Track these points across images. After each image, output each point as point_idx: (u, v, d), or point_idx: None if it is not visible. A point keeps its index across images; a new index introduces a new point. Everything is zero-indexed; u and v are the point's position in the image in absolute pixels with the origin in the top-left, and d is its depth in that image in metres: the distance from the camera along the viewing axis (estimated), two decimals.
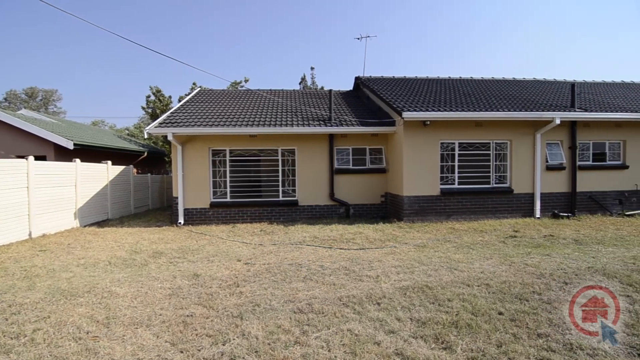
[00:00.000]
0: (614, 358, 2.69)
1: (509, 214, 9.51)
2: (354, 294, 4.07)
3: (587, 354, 2.75)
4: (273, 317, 3.50)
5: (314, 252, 6.26)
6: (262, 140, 10.04)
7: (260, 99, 12.42)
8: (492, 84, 12.90)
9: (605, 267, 4.88)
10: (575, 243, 6.55)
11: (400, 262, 5.45)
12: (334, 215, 10.24)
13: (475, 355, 2.74)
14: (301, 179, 10.19)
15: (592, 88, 12.99)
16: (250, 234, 8.22)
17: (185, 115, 10.16)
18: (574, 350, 2.81)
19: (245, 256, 6.05)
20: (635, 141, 10.08)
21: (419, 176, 9.16)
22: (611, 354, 2.75)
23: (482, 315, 3.45)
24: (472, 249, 6.27)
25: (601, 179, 9.93)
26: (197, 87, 19.67)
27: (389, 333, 3.13)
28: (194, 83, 22.31)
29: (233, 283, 4.57)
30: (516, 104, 9.92)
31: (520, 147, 9.57)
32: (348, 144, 10.37)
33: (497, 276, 4.63)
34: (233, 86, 23.92)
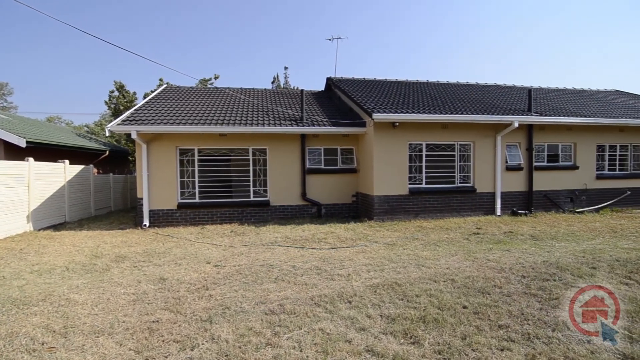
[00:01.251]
0: (567, 345, 2.90)
1: (472, 212, 9.97)
2: (326, 293, 4.10)
3: (543, 342, 2.95)
4: (244, 319, 3.45)
5: (286, 252, 6.23)
6: (232, 140, 9.85)
7: (230, 98, 12.18)
8: (456, 88, 13.46)
9: (558, 261, 5.25)
10: (532, 239, 6.98)
11: (370, 260, 5.55)
12: (306, 215, 10.24)
13: (441, 349, 2.85)
14: (273, 179, 10.10)
15: (547, 94, 13.92)
16: (220, 235, 8.04)
17: (151, 113, 9.75)
18: (531, 339, 3.00)
19: (215, 258, 5.91)
20: (584, 144, 10.92)
21: (389, 176, 9.38)
22: (564, 340, 2.97)
23: (448, 309, 3.60)
24: (439, 246, 6.52)
25: (555, 178, 10.66)
26: (164, 83, 18.95)
27: (360, 330, 3.19)
28: (161, 79, 21.48)
29: (202, 286, 4.45)
30: (479, 107, 10.42)
31: (482, 149, 10.07)
32: (320, 144, 10.42)
33: (462, 271, 4.84)
34: (202, 83, 23.27)
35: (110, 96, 21.16)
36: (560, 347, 2.87)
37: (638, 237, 6.96)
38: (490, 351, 2.81)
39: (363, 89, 11.91)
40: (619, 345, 2.88)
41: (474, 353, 2.78)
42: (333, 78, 13.43)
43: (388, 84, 13.35)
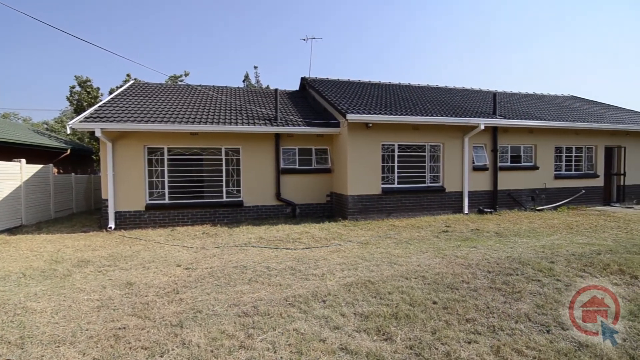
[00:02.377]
0: (528, 335, 3.07)
1: (442, 210, 10.32)
2: (300, 293, 4.10)
3: (507, 333, 3.11)
4: (216, 322, 3.38)
5: (260, 253, 6.17)
6: (204, 139, 9.61)
7: (202, 96, 11.87)
8: (427, 91, 13.89)
9: (520, 256, 5.55)
10: (496, 236, 7.33)
11: (345, 259, 5.61)
12: (280, 215, 10.18)
13: (413, 344, 2.94)
14: (246, 179, 9.96)
15: (510, 98, 14.67)
16: (192, 237, 7.82)
17: (117, 110, 9.32)
18: (496, 331, 3.16)
19: (185, 261, 5.75)
20: (544, 146, 11.60)
21: (363, 176, 9.52)
22: (525, 331, 3.14)
23: (419, 305, 3.71)
24: (410, 244, 6.69)
25: (517, 178, 11.25)
26: (131, 79, 18.18)
27: (334, 329, 3.21)
28: (128, 75, 20.57)
29: (172, 290, 4.31)
30: (448, 110, 10.81)
31: (451, 150, 10.45)
32: (294, 144, 10.39)
33: (432, 268, 5.00)
34: (172, 80, 22.53)
35: (72, 92, 20.00)
36: (522, 337, 3.03)
37: (592, 233, 7.49)
38: (459, 344, 2.93)
39: (337, 89, 12.00)
40: (573, 333, 3.09)
41: (443, 347, 2.89)
42: (307, 78, 13.44)
43: (361, 85, 13.54)
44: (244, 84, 30.23)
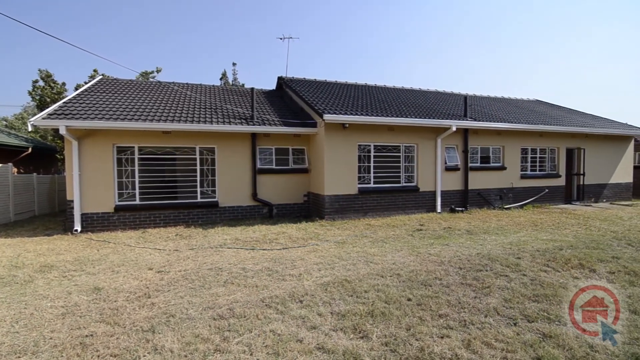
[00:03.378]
0: (497, 329, 3.21)
1: (416, 209, 10.58)
2: (277, 294, 4.07)
3: (477, 327, 3.24)
4: (190, 326, 3.30)
5: (236, 254, 6.08)
6: (177, 138, 9.34)
7: (175, 93, 11.53)
8: (402, 93, 14.19)
9: (489, 253, 5.79)
10: (467, 233, 7.60)
11: (321, 259, 5.64)
12: (257, 215, 10.07)
13: (388, 340, 2.99)
14: (222, 179, 9.77)
15: (479, 101, 15.26)
16: (164, 239, 7.59)
17: (84, 106, 8.88)
18: (467, 325, 3.28)
19: (158, 264, 5.56)
20: (511, 147, 12.15)
21: (339, 176, 9.59)
22: (494, 325, 3.28)
23: (394, 302, 3.79)
24: (386, 242, 6.82)
25: (487, 178, 11.73)
26: (98, 75, 17.38)
27: (311, 329, 3.22)
28: (95, 70, 19.65)
29: (143, 294, 4.17)
30: (422, 112, 11.09)
31: (425, 150, 10.73)
32: (271, 144, 10.31)
33: (407, 266, 5.12)
34: (143, 77, 21.74)
35: (35, 86, 18.85)
36: (491, 331, 3.17)
37: (554, 230, 7.93)
38: (432, 339, 3.02)
39: (314, 89, 12.02)
40: (538, 325, 3.26)
41: (417, 342, 2.96)
42: (284, 77, 13.37)
43: (338, 85, 13.64)
44: (221, 81, 29.68)
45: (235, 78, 30.65)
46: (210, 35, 66.76)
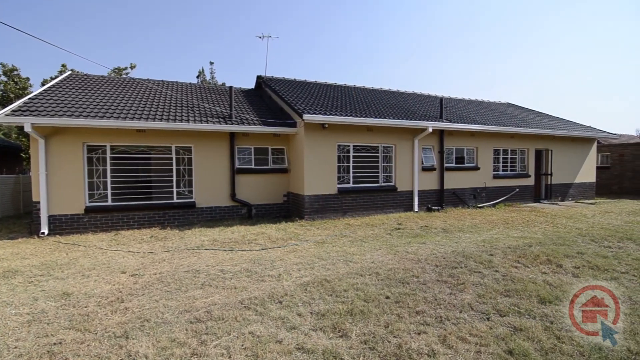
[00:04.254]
0: (471, 324, 3.32)
1: (394, 209, 10.77)
2: (256, 295, 4.04)
3: (452, 323, 3.34)
4: (166, 331, 3.21)
5: (214, 256, 5.97)
6: (152, 136, 9.06)
7: (150, 91, 11.18)
8: (380, 94, 14.40)
9: (464, 250, 5.98)
10: (443, 232, 7.82)
11: (301, 259, 5.63)
12: (235, 216, 9.93)
13: (367, 338, 3.03)
14: (199, 179, 9.57)
15: (454, 103, 15.72)
16: (139, 241, 7.34)
17: (51, 103, 8.45)
18: (443, 321, 3.37)
19: (131, 267, 5.38)
20: (484, 148, 12.58)
21: (319, 176, 9.62)
22: (469, 320, 3.39)
23: (373, 301, 3.84)
24: (365, 241, 6.90)
25: (461, 178, 12.09)
26: (67, 70, 16.59)
27: (291, 329, 3.22)
28: (64, 65, 18.75)
29: (116, 299, 4.02)
30: (399, 113, 11.30)
31: (402, 151, 10.94)
32: (250, 144, 10.19)
33: (385, 264, 5.20)
34: (116, 73, 20.96)
35: None
36: (466, 325, 3.27)
37: (524, 228, 8.28)
38: (410, 336, 3.08)
39: (294, 89, 11.99)
40: (509, 319, 3.40)
41: (395, 339, 3.02)
42: (264, 77, 13.26)
43: (318, 86, 13.66)
44: (198, 80, 29.05)
45: (212, 77, 30.09)
46: (186, 32, 65.14)
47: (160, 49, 62.30)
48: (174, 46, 64.10)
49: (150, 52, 59.83)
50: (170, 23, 63.56)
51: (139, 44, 59.76)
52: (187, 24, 65.17)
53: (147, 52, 59.20)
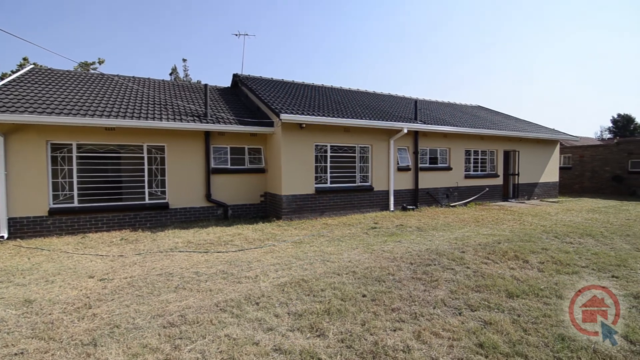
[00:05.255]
0: (444, 319, 3.42)
1: (370, 208, 10.93)
2: (232, 297, 3.98)
3: (426, 319, 3.43)
4: (137, 336, 3.10)
5: (188, 258, 5.82)
6: (122, 135, 8.70)
7: (120, 87, 10.73)
8: (357, 95, 14.56)
9: (437, 248, 6.15)
10: (418, 230, 8.01)
11: (278, 259, 5.60)
12: (211, 217, 9.72)
13: (344, 337, 3.06)
14: (172, 180, 9.29)
15: (428, 105, 16.16)
16: (108, 244, 7.04)
17: (11, 98, 7.93)
18: (417, 317, 3.46)
19: (100, 271, 5.15)
20: (456, 149, 13.00)
21: (297, 176, 9.60)
22: (442, 315, 3.50)
23: (350, 299, 3.88)
24: (342, 241, 6.96)
25: (435, 178, 12.44)
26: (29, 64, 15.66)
27: (268, 331, 3.19)
28: (25, 58, 17.66)
29: (83, 305, 3.83)
30: (376, 114, 11.47)
31: (378, 151, 11.12)
32: (226, 143, 10.01)
33: (362, 263, 5.27)
34: (83, 68, 19.98)
35: None
36: (439, 321, 3.37)
37: (494, 225, 8.64)
38: (385, 333, 3.14)
39: (271, 88, 11.90)
40: (480, 313, 3.53)
41: (371, 337, 3.07)
42: (240, 75, 13.06)
43: (295, 85, 13.63)
44: (171, 77, 28.21)
45: (186, 74, 29.35)
46: (159, 28, 63.06)
47: (130, 45, 59.95)
48: (145, 42, 61.87)
49: (120, 47, 57.44)
50: (142, 18, 61.32)
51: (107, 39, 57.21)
52: (159, 19, 63.10)
53: (117, 48, 56.80)
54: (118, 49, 56.63)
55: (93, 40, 54.85)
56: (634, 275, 4.69)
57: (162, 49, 60.51)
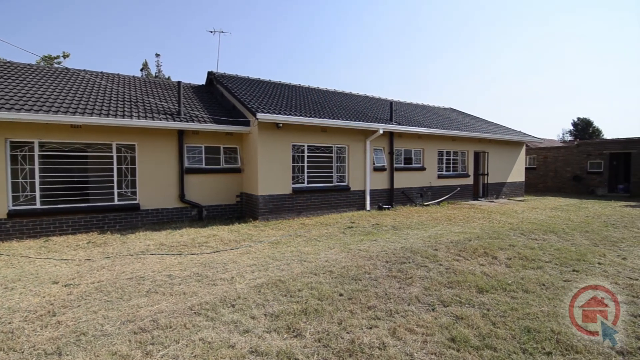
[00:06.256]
0: (418, 315, 3.51)
1: (347, 208, 11.03)
2: (207, 300, 3.89)
3: (401, 315, 3.50)
4: (106, 344, 2.97)
5: (160, 261, 5.64)
6: (89, 133, 8.30)
7: (87, 82, 10.23)
8: (334, 95, 14.65)
9: (412, 246, 6.30)
10: (393, 229, 8.17)
11: (255, 260, 5.54)
12: (184, 218, 9.47)
13: (321, 337, 3.07)
14: (143, 180, 8.96)
15: (403, 107, 16.52)
16: (73, 248, 6.69)
17: None
18: (393, 314, 3.53)
19: (65, 276, 4.89)
20: (430, 149, 13.37)
21: (273, 176, 9.52)
22: (416, 312, 3.59)
23: (327, 299, 3.90)
24: (319, 241, 6.98)
25: (409, 178, 12.74)
26: None
27: (244, 333, 3.15)
28: None
29: (47, 312, 3.63)
30: (352, 114, 11.59)
31: (355, 152, 11.24)
32: (200, 142, 9.78)
33: (339, 263, 5.31)
34: (46, 62, 18.88)
35: None
36: (414, 317, 3.46)
37: (465, 223, 8.95)
38: (362, 331, 3.18)
39: (247, 87, 11.74)
40: (452, 309, 3.65)
41: (348, 335, 3.10)
42: (215, 73, 12.79)
43: (272, 85, 13.52)
44: (142, 73, 27.21)
45: (159, 70, 28.42)
46: (130, 21, 60.61)
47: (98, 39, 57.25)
48: (115, 36, 59.30)
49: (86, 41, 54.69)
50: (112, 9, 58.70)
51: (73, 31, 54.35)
52: (131, 11, 60.69)
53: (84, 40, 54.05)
54: (85, 43, 53.90)
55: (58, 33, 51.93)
56: (593, 269, 5.01)
57: (134, 43, 58.20)
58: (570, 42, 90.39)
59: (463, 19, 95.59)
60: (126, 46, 58.15)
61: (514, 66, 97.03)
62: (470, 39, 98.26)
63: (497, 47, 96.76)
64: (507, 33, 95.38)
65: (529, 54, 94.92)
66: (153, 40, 60.48)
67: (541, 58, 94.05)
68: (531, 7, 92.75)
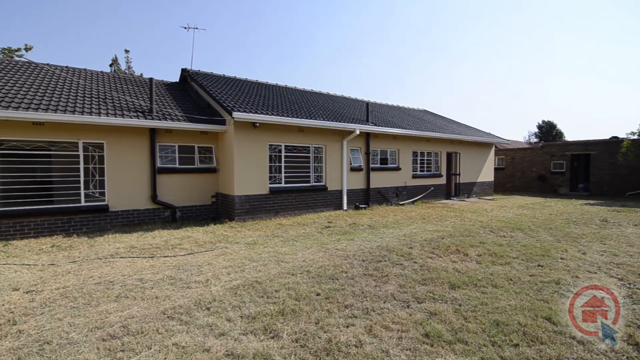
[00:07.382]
0: (394, 312, 3.58)
1: (324, 207, 11.07)
2: (181, 304, 3.79)
3: (377, 313, 3.56)
4: (72, 352, 2.83)
5: (131, 264, 5.43)
6: (54, 130, 7.86)
7: (51, 77, 9.68)
8: (311, 95, 14.66)
9: (388, 245, 6.42)
10: (369, 228, 8.29)
11: (231, 262, 5.45)
12: (157, 219, 9.16)
13: (298, 337, 3.07)
14: (113, 180, 8.59)
15: (379, 108, 16.80)
16: (36, 252, 6.32)
17: None
18: (369, 312, 3.58)
19: (26, 282, 4.61)
20: (405, 150, 13.68)
21: (250, 176, 9.41)
22: (392, 309, 3.65)
23: (304, 299, 3.90)
24: (296, 241, 6.96)
25: (385, 177, 12.97)
26: None
27: (220, 336, 3.10)
28: None
29: (6, 321, 3.41)
30: (330, 115, 11.65)
31: (332, 152, 11.31)
32: (174, 141, 9.50)
33: (316, 262, 5.32)
34: (7, 55, 17.70)
35: None
36: (389, 315, 3.52)
37: (438, 222, 9.22)
38: (339, 330, 3.20)
39: (223, 85, 11.53)
40: (426, 305, 3.75)
41: (325, 334, 3.11)
42: (189, 70, 12.48)
43: (248, 83, 13.35)
44: (111, 68, 26.09)
45: (129, 66, 27.34)
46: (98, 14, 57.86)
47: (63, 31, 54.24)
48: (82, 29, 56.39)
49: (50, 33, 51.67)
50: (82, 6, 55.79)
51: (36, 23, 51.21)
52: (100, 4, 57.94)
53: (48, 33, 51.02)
54: (48, 35, 50.90)
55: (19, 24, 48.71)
56: (556, 264, 5.30)
57: (102, 38, 55.58)
58: (536, 51, 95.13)
59: (431, 21, 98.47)
60: (95, 40, 55.44)
61: (478, 69, 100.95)
62: (439, 41, 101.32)
63: (463, 49, 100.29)
64: (470, 35, 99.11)
65: (495, 58, 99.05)
66: (123, 36, 58.02)
67: (506, 62, 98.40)
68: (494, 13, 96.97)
